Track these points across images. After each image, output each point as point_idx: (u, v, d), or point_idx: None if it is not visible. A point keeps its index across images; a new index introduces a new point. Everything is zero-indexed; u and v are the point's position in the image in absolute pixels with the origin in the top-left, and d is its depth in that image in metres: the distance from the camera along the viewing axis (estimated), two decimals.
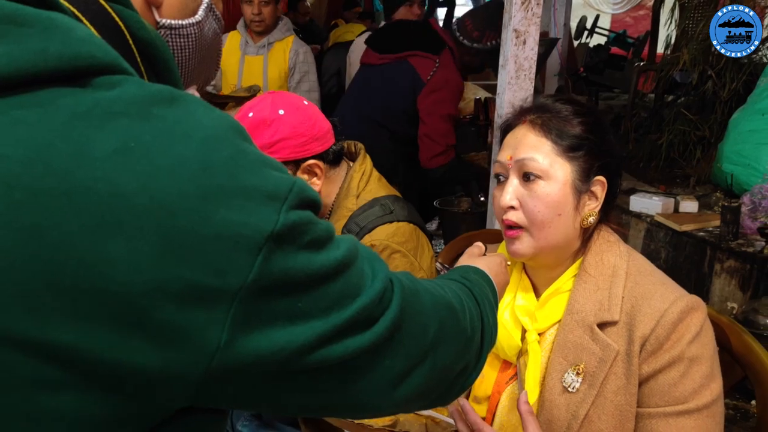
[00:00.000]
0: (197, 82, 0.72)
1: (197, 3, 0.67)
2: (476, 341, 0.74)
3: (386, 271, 0.59)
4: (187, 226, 0.44)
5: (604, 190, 1.07)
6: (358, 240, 0.60)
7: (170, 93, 0.48)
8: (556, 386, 1.05)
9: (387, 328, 0.56)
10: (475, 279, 0.84)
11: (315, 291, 0.50)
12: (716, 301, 2.19)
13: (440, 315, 0.66)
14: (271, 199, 0.48)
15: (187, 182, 0.45)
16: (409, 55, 2.71)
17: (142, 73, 0.55)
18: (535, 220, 1.04)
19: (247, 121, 1.37)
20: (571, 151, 1.04)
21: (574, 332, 1.05)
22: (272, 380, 0.50)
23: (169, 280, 0.44)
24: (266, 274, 0.47)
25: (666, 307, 0.99)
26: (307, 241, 0.50)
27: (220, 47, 0.75)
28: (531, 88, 2.23)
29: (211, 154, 0.46)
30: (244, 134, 0.51)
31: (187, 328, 0.45)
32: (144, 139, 0.45)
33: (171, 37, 0.65)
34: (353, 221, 1.44)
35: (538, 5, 2.15)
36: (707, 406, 0.98)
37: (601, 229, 1.10)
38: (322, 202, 1.45)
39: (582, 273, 1.07)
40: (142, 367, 0.44)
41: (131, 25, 0.55)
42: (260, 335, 0.47)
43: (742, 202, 2.29)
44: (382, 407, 0.62)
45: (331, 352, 0.52)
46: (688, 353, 0.98)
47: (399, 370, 0.60)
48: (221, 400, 0.50)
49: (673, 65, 3.18)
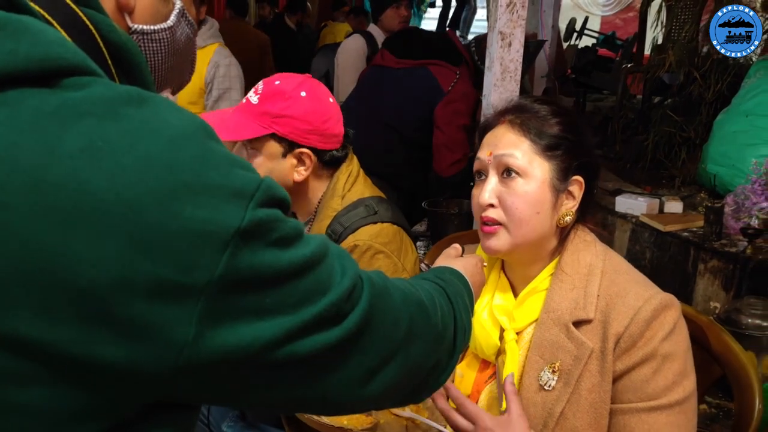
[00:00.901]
0: (171, 85, 0.73)
1: (169, 8, 0.69)
2: (448, 339, 0.75)
3: (356, 269, 0.60)
4: (154, 222, 0.45)
5: (582, 190, 1.08)
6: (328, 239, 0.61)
7: (138, 94, 0.50)
8: (532, 384, 1.06)
9: (356, 324, 0.57)
10: (449, 279, 0.85)
11: (283, 287, 0.51)
12: (700, 301, 2.21)
13: (411, 312, 0.66)
14: (238, 197, 0.49)
15: (154, 180, 0.46)
16: (429, 63, 2.72)
17: (114, 76, 0.56)
18: (514, 217, 1.05)
19: (270, 87, 1.39)
20: (550, 150, 1.06)
21: (550, 331, 1.06)
22: (241, 375, 0.51)
23: (136, 276, 0.45)
24: (233, 270, 0.47)
25: (640, 305, 1.01)
26: (275, 239, 0.51)
27: (194, 52, 0.76)
28: (517, 89, 2.24)
29: (178, 152, 0.48)
30: (212, 134, 0.52)
31: (154, 324, 0.46)
32: (111, 138, 0.46)
33: (143, 41, 0.67)
34: (337, 221, 1.45)
35: (523, 8, 2.16)
36: (679, 402, 0.99)
37: (578, 228, 1.11)
38: (309, 200, 1.47)
39: (558, 272, 1.09)
40: (109, 363, 0.45)
41: (102, 29, 0.56)
42: (228, 331, 0.48)
43: (726, 202, 2.31)
44: (352, 403, 0.63)
45: (300, 348, 0.52)
46: (662, 350, 0.99)
47: (368, 367, 0.60)
48: (191, 395, 0.51)
49: (659, 67, 3.20)
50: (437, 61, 2.72)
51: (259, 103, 1.38)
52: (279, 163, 1.40)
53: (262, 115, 1.37)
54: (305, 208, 1.51)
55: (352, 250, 1.40)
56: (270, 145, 1.39)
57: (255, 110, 1.38)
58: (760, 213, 2.24)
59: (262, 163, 1.40)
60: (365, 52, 3.51)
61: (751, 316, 1.92)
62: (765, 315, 1.90)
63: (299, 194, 1.47)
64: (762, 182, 2.27)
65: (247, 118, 1.38)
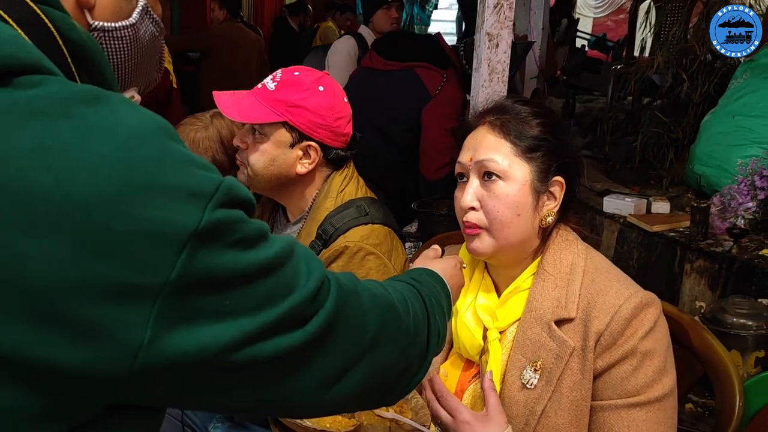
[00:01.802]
0: (138, 84, 0.72)
1: (132, 6, 0.67)
2: (421, 342, 0.74)
3: (322, 271, 0.59)
4: (105, 223, 0.44)
5: (563, 190, 1.09)
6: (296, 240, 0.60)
7: (95, 92, 0.49)
8: (515, 383, 1.07)
9: (320, 327, 0.56)
10: (425, 280, 0.85)
11: (243, 289, 0.51)
12: (686, 300, 2.22)
13: (380, 315, 0.66)
14: (196, 197, 0.48)
15: (106, 180, 0.45)
16: (416, 65, 2.73)
17: (74, 74, 0.56)
18: (495, 220, 1.05)
19: (289, 76, 1.39)
20: (530, 152, 1.06)
21: (532, 329, 1.07)
22: (201, 378, 0.51)
23: (89, 278, 0.44)
24: (191, 272, 0.47)
25: (620, 303, 1.01)
26: (235, 240, 0.50)
27: (161, 50, 0.75)
28: (504, 90, 2.25)
29: (133, 152, 0.47)
30: (171, 134, 0.51)
31: (109, 326, 0.45)
32: (62, 138, 0.45)
33: (104, 39, 0.65)
34: (328, 221, 1.45)
35: (510, 9, 2.17)
36: (659, 399, 1.00)
37: (560, 228, 1.12)
38: (304, 197, 1.47)
39: (540, 271, 1.09)
40: (64, 365, 0.44)
41: (61, 27, 0.55)
42: (186, 333, 0.48)
43: (712, 202, 2.33)
44: (318, 406, 0.62)
45: (261, 350, 0.52)
46: (641, 348, 1.00)
47: (334, 369, 0.60)
48: (151, 398, 0.51)
49: (647, 68, 3.22)
50: (424, 63, 2.73)
51: (276, 90, 1.38)
52: (285, 152, 1.40)
53: (278, 102, 1.37)
54: (297, 204, 1.51)
55: (343, 252, 1.40)
56: (280, 133, 1.39)
57: (271, 96, 1.38)
58: (745, 213, 2.25)
59: (268, 149, 1.39)
60: (356, 54, 3.51)
61: (737, 316, 1.93)
62: (750, 314, 1.92)
63: (295, 187, 1.47)
64: (748, 182, 2.29)
65: (261, 103, 1.37)
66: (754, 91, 2.54)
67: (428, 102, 2.67)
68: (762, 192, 2.26)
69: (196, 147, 1.63)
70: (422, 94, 2.68)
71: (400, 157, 2.81)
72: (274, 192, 1.50)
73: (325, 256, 1.41)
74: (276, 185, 1.45)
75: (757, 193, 2.26)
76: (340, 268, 1.39)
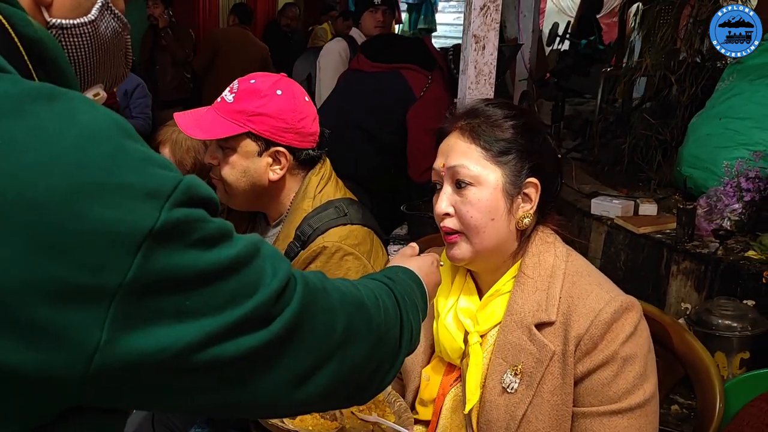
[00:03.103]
0: (103, 81, 0.71)
1: (91, 2, 0.66)
2: (392, 340, 0.74)
3: (287, 269, 0.59)
4: (57, 223, 0.44)
5: (538, 192, 1.08)
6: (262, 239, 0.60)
7: (49, 90, 0.48)
8: (496, 387, 1.06)
9: (284, 327, 0.56)
10: (400, 278, 0.84)
11: (204, 289, 0.50)
12: (672, 302, 2.23)
13: (349, 313, 0.65)
14: (153, 197, 0.47)
15: (58, 179, 0.44)
16: (401, 67, 2.75)
17: (31, 72, 0.54)
18: (470, 225, 1.05)
19: (246, 85, 1.38)
20: (501, 155, 1.06)
21: (513, 333, 1.06)
22: (162, 379, 0.50)
23: (40, 279, 0.43)
24: (147, 272, 0.46)
25: (600, 307, 1.01)
26: (195, 239, 0.49)
27: (125, 46, 0.74)
28: (491, 92, 2.25)
29: (87, 150, 0.46)
30: (128, 132, 0.50)
31: (62, 328, 0.44)
32: (13, 136, 0.44)
33: (63, 36, 0.64)
34: (307, 222, 1.45)
35: (496, 11, 2.17)
36: (640, 405, 0.99)
37: (539, 229, 1.12)
38: (281, 201, 1.47)
39: (520, 275, 1.09)
40: (17, 369, 0.44)
41: (16, 23, 0.54)
42: (144, 334, 0.47)
43: (698, 204, 2.34)
44: (286, 406, 0.62)
45: (224, 351, 0.51)
46: (622, 353, 0.99)
47: (301, 369, 0.59)
48: (111, 400, 0.50)
49: (636, 71, 3.23)
50: (410, 65, 2.74)
51: (234, 101, 1.38)
52: (254, 161, 1.40)
53: (238, 113, 1.36)
54: (277, 208, 1.51)
55: (321, 252, 1.40)
56: (246, 144, 1.38)
57: (230, 108, 1.37)
58: (731, 215, 2.26)
59: (237, 161, 1.39)
60: (347, 55, 3.51)
61: (722, 317, 1.93)
62: (735, 316, 1.92)
63: (273, 194, 1.47)
64: (734, 184, 2.30)
65: (222, 117, 1.37)
66: (741, 94, 2.55)
67: (413, 103, 2.68)
68: (748, 194, 2.26)
69: (179, 147, 1.62)
70: (407, 96, 2.69)
71: (387, 159, 2.81)
72: (253, 203, 1.49)
73: (304, 257, 1.40)
74: (253, 196, 1.44)
75: (743, 194, 2.27)
76: (318, 268, 1.38)
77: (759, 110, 2.47)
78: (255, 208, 1.53)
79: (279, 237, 1.47)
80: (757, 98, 2.49)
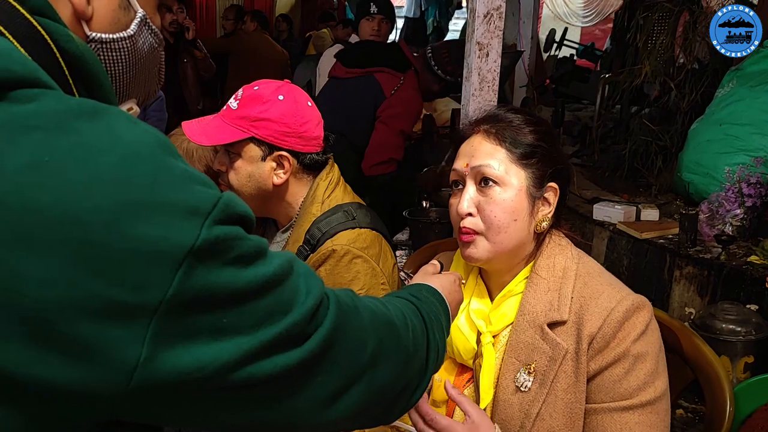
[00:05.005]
0: (136, 95, 0.71)
1: (130, 17, 0.67)
2: (420, 359, 0.73)
3: (321, 288, 0.58)
4: (102, 241, 0.44)
5: (557, 196, 1.11)
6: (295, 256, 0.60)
7: (92, 106, 0.48)
8: (509, 386, 1.07)
9: (318, 345, 0.56)
10: (425, 297, 0.84)
11: (241, 307, 0.50)
12: (676, 306, 2.24)
13: (379, 332, 0.65)
14: (193, 214, 0.47)
15: (102, 197, 0.44)
16: (375, 70, 2.81)
17: (71, 87, 0.55)
18: (492, 225, 1.06)
19: (249, 92, 1.41)
20: (525, 158, 1.08)
21: (526, 333, 1.08)
22: (198, 397, 0.50)
23: (84, 296, 0.43)
24: (187, 290, 0.46)
25: (613, 306, 1.03)
26: (233, 257, 0.49)
27: (160, 61, 0.74)
28: (495, 99, 2.27)
29: (131, 168, 0.46)
30: (170, 149, 0.50)
31: (104, 345, 0.44)
32: (59, 153, 0.44)
33: (102, 51, 0.65)
34: (316, 226, 1.46)
35: (500, 18, 2.19)
36: (651, 402, 1.01)
37: (553, 233, 1.13)
38: (290, 205, 1.48)
39: (533, 275, 1.10)
40: (58, 384, 0.44)
41: (58, 39, 0.54)
42: (182, 351, 0.47)
43: (700, 209, 2.36)
44: (316, 426, 0.61)
45: (259, 369, 0.51)
46: (634, 350, 1.01)
47: (333, 389, 0.59)
48: (146, 416, 0.50)
49: (635, 77, 3.26)
50: (383, 68, 2.81)
51: (238, 108, 1.40)
52: (258, 166, 1.41)
53: (242, 119, 1.39)
54: (286, 213, 1.51)
55: (330, 255, 1.41)
56: (249, 149, 1.40)
57: (234, 115, 1.40)
58: (733, 220, 2.28)
59: (242, 166, 1.41)
60: None
61: (726, 321, 1.95)
62: (739, 320, 1.94)
63: (279, 199, 1.48)
64: (735, 190, 2.32)
65: (226, 124, 1.40)
66: (741, 100, 2.58)
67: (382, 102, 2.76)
68: (749, 199, 2.28)
69: (190, 156, 1.63)
70: (378, 97, 2.77)
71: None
72: (261, 209, 1.50)
73: (313, 260, 1.41)
74: (260, 202, 1.46)
75: (745, 200, 2.29)
76: (327, 271, 1.40)
77: (759, 116, 2.49)
78: (264, 213, 1.54)
79: (289, 241, 1.48)
80: (758, 104, 2.51)
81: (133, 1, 0.67)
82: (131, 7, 0.67)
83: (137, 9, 0.67)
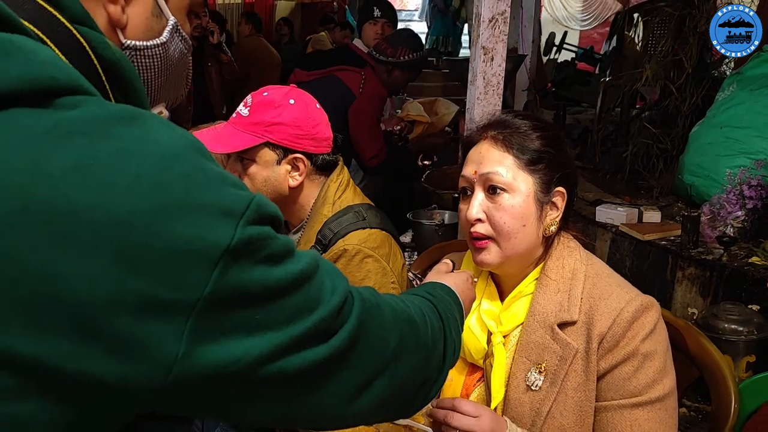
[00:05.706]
0: (166, 100, 0.73)
1: (162, 25, 0.69)
2: (438, 355, 0.76)
3: (346, 285, 0.61)
4: (143, 241, 0.46)
5: (564, 200, 1.13)
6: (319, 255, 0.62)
7: (131, 112, 0.50)
8: (520, 385, 1.10)
9: (345, 341, 0.58)
10: (440, 295, 0.87)
11: (272, 304, 0.52)
12: (678, 307, 2.27)
13: (401, 329, 0.67)
14: (228, 215, 0.50)
15: (143, 199, 0.46)
16: (336, 69, 2.90)
17: (108, 93, 0.57)
18: (502, 231, 1.09)
19: (259, 98, 1.43)
20: (533, 164, 1.10)
21: (536, 333, 1.10)
22: (231, 390, 0.52)
23: (126, 294, 0.45)
24: (223, 287, 0.48)
25: (622, 306, 1.05)
26: (265, 256, 0.52)
27: (188, 67, 0.77)
28: (499, 103, 2.30)
29: (168, 171, 0.48)
30: (203, 152, 0.53)
31: (145, 340, 0.46)
32: (101, 158, 0.47)
33: (136, 57, 0.67)
34: (327, 227, 1.48)
35: (505, 23, 2.22)
36: (660, 399, 1.03)
37: (561, 236, 1.16)
38: (302, 207, 1.51)
39: (543, 277, 1.13)
40: (100, 378, 0.46)
41: (96, 46, 0.56)
42: (218, 346, 0.49)
43: (702, 211, 2.38)
44: (341, 419, 0.64)
45: (289, 364, 0.53)
46: (642, 349, 1.04)
47: (357, 383, 0.61)
48: (181, 409, 0.52)
49: (636, 81, 3.29)
50: (342, 66, 2.90)
51: (250, 114, 1.42)
52: (274, 170, 1.44)
53: (255, 125, 1.41)
54: (298, 215, 1.54)
55: (342, 255, 1.44)
56: (264, 153, 1.43)
57: (247, 121, 1.42)
58: (735, 222, 2.31)
59: (257, 171, 1.44)
60: None
61: (728, 322, 1.98)
62: (741, 320, 1.96)
63: (293, 201, 1.51)
64: (736, 192, 2.35)
65: (239, 130, 1.42)
66: (741, 103, 2.61)
67: (353, 101, 2.83)
68: (750, 201, 2.31)
69: None
70: (345, 93, 2.84)
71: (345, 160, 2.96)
72: None
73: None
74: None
75: (746, 202, 2.32)
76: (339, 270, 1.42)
77: (759, 119, 2.52)
78: None
79: (300, 242, 1.51)
80: (758, 108, 2.55)
81: (165, 9, 0.69)
82: (163, 15, 0.69)
83: (169, 17, 0.70)
